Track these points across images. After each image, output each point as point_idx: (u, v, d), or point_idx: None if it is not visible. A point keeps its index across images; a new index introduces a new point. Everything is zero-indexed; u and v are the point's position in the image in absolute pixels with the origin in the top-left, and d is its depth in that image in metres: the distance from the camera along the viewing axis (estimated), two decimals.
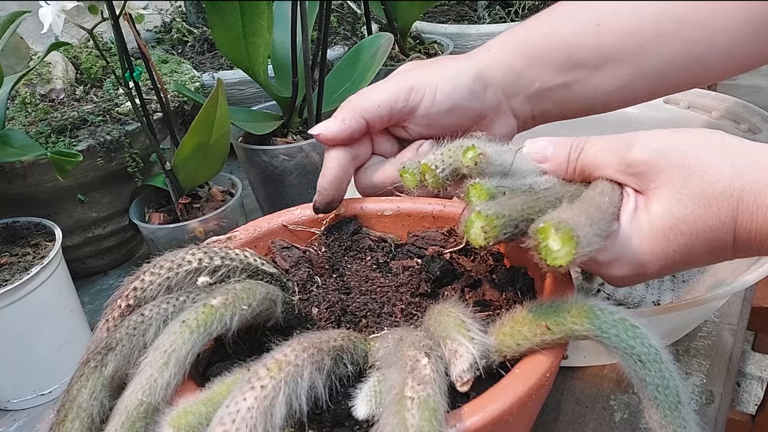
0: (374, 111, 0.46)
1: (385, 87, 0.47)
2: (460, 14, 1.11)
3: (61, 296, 0.59)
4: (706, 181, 0.33)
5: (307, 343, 0.30)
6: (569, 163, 0.38)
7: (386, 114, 0.46)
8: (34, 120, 0.69)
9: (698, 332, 0.58)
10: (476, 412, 0.29)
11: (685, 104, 0.71)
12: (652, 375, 0.30)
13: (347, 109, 0.46)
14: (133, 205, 0.69)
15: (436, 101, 0.46)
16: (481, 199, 0.34)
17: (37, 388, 0.58)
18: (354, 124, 0.45)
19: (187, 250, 0.37)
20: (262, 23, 0.64)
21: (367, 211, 0.48)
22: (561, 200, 0.34)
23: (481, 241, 0.30)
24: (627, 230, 0.35)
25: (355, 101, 0.46)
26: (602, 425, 0.50)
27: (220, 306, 0.32)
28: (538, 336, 0.31)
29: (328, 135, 0.45)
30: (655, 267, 0.35)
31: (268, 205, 0.76)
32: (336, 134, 0.45)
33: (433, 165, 0.37)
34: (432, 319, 0.34)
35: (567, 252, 0.28)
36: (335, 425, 0.32)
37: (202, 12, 1.08)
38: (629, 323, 0.30)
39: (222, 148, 0.64)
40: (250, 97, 0.90)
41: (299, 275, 0.44)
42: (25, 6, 0.66)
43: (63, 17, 0.55)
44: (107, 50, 0.84)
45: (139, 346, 0.32)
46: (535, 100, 0.49)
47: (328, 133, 0.45)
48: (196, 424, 0.27)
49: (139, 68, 0.62)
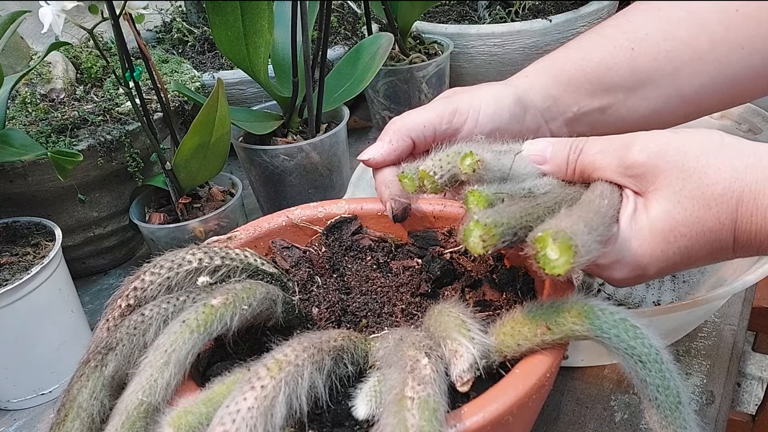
0: (420, 131, 0.46)
1: (429, 108, 0.47)
2: (461, 14, 1.11)
3: (62, 296, 0.59)
4: (706, 182, 0.33)
5: (308, 343, 0.30)
6: (568, 164, 0.38)
7: (431, 134, 0.46)
8: (34, 120, 0.69)
9: (699, 332, 0.58)
10: (476, 412, 0.29)
11: None
12: (652, 375, 0.30)
13: (393, 131, 0.46)
14: (133, 205, 0.69)
15: (479, 123, 0.46)
16: (479, 206, 0.34)
17: (37, 387, 0.58)
18: (401, 144, 0.46)
19: (188, 250, 0.37)
20: (262, 23, 0.64)
21: (368, 211, 0.48)
22: (560, 205, 0.34)
23: (480, 249, 0.30)
24: (627, 233, 0.35)
25: (400, 123, 0.46)
26: (603, 425, 0.50)
27: (220, 306, 0.32)
28: (538, 336, 0.31)
29: (378, 159, 0.46)
30: (655, 269, 0.35)
31: (268, 205, 0.76)
32: (385, 156, 0.45)
33: (431, 171, 0.37)
34: (432, 319, 0.34)
35: (565, 261, 0.28)
36: (335, 425, 0.32)
37: (202, 12, 1.08)
38: (630, 323, 0.30)
39: (222, 148, 0.64)
40: (251, 97, 0.90)
41: (299, 275, 0.44)
42: (25, 6, 0.66)
43: (63, 17, 0.55)
44: (107, 50, 0.84)
45: (140, 346, 0.32)
46: (572, 123, 0.50)
47: (378, 157, 0.45)
48: (196, 423, 0.27)
49: (139, 68, 0.62)
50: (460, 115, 0.46)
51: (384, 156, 0.45)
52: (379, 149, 0.46)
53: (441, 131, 0.46)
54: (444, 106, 0.46)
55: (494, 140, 0.44)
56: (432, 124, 0.46)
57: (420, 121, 0.46)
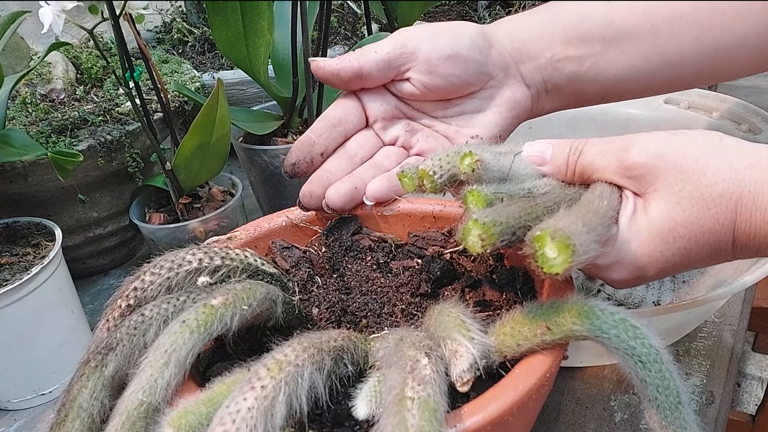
0: (371, 56, 0.45)
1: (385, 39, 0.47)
2: (461, 14, 1.11)
3: (62, 296, 0.59)
4: (705, 183, 0.33)
5: (308, 343, 0.30)
6: (568, 165, 0.38)
7: (383, 59, 0.46)
8: (34, 120, 0.69)
9: (698, 332, 0.58)
10: (476, 413, 0.29)
11: (686, 104, 0.71)
12: (652, 375, 0.30)
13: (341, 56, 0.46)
14: (133, 205, 0.69)
15: (437, 46, 0.45)
16: (478, 206, 0.34)
17: (37, 387, 0.58)
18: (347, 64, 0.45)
19: (188, 250, 0.37)
20: (262, 23, 0.64)
21: (368, 211, 0.48)
22: (559, 206, 0.34)
23: (478, 248, 0.30)
24: (626, 234, 0.35)
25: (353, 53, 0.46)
26: (602, 426, 0.50)
27: (220, 306, 0.32)
28: (538, 336, 0.31)
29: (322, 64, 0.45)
30: (654, 270, 0.35)
31: (268, 205, 0.76)
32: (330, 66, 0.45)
33: (430, 171, 0.37)
34: (432, 319, 0.34)
35: (563, 260, 0.28)
36: (335, 425, 0.32)
37: (202, 12, 1.08)
38: (630, 323, 0.30)
39: (222, 148, 0.64)
40: (251, 97, 0.90)
41: (300, 275, 0.44)
42: (25, 6, 0.66)
43: (63, 17, 0.55)
44: (107, 50, 0.84)
45: (140, 346, 0.32)
46: (547, 71, 0.49)
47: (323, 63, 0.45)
48: (196, 424, 0.27)
49: (139, 68, 0.62)
50: (416, 40, 0.46)
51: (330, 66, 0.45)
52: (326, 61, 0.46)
53: (396, 55, 0.46)
54: (400, 34, 0.46)
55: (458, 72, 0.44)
56: (385, 49, 0.45)
57: (373, 48, 0.45)
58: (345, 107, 0.48)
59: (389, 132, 0.49)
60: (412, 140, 0.49)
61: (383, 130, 0.49)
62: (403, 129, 0.49)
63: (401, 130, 0.49)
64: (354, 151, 0.48)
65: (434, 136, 0.49)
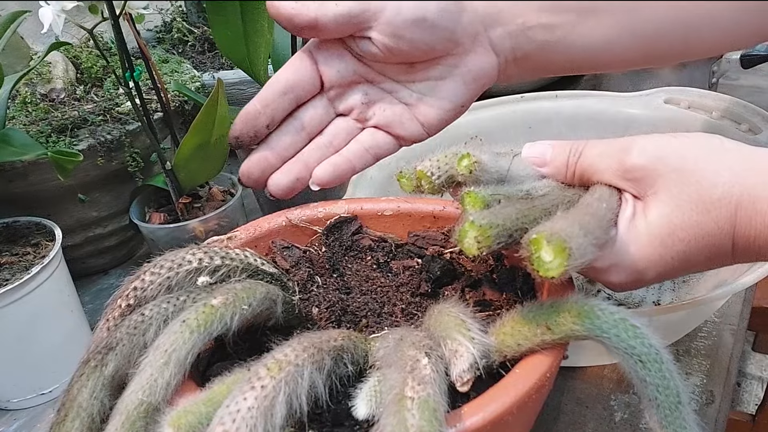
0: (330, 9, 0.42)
1: None
2: None
3: (62, 296, 0.59)
4: (704, 186, 0.33)
5: (308, 342, 0.30)
6: (568, 167, 0.38)
7: (342, 15, 0.42)
8: (34, 119, 0.69)
9: (698, 332, 0.58)
10: (476, 412, 0.29)
11: (686, 104, 0.71)
12: (652, 375, 0.30)
13: None
14: (133, 205, 0.69)
15: (402, 8, 0.42)
16: (475, 208, 0.34)
17: (37, 387, 0.58)
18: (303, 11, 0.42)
19: (188, 249, 0.37)
20: (262, 23, 0.64)
21: (367, 211, 0.48)
22: (557, 208, 0.34)
23: (475, 250, 0.30)
24: (625, 237, 0.35)
25: None
26: (602, 425, 0.50)
27: (220, 306, 0.32)
28: (538, 336, 0.31)
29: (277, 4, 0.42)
30: (653, 273, 0.35)
31: (268, 205, 0.76)
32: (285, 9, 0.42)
33: (428, 171, 0.37)
34: (432, 319, 0.34)
35: (559, 263, 0.28)
36: (335, 425, 0.32)
37: (202, 12, 1.08)
38: (629, 323, 0.30)
39: (222, 148, 0.64)
40: (251, 97, 0.89)
41: (300, 275, 0.44)
42: (25, 6, 0.66)
43: (63, 17, 0.55)
44: (107, 50, 0.84)
45: (140, 346, 0.32)
46: (517, 37, 0.46)
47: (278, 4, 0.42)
48: (196, 423, 0.27)
49: (139, 68, 0.62)
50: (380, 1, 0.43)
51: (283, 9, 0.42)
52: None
53: (357, 11, 0.42)
54: None
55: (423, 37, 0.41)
56: (346, 4, 0.42)
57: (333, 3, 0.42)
58: (297, 70, 0.45)
59: (345, 101, 0.47)
60: (368, 113, 0.47)
61: (338, 98, 0.47)
62: (360, 99, 0.46)
63: (357, 100, 0.46)
64: (302, 124, 0.46)
65: (392, 108, 0.46)
